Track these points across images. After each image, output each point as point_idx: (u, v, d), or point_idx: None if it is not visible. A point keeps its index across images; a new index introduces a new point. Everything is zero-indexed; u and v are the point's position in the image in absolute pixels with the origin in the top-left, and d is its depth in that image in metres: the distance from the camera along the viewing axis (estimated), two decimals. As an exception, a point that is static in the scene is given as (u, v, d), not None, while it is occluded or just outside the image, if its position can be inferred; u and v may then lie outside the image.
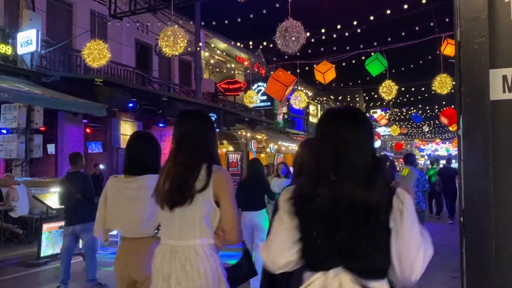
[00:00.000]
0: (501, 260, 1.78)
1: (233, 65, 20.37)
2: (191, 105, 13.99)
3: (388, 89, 12.71)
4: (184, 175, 2.10)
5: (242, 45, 16.94)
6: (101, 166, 14.92)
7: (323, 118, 1.65)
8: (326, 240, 1.46)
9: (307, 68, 13.39)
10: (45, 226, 7.39)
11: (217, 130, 14.78)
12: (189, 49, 16.06)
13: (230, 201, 2.13)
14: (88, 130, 14.40)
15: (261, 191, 5.71)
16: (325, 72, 11.85)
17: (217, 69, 20.02)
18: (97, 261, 5.91)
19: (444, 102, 21.55)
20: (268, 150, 22.74)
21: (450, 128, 27.44)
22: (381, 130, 39.46)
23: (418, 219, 1.47)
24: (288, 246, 1.52)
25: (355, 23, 10.71)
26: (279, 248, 1.54)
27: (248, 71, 19.16)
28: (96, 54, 8.21)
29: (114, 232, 2.97)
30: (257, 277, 2.43)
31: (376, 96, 23.84)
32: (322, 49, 13.56)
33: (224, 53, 20.26)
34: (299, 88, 25.17)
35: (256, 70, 20.31)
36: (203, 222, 2.09)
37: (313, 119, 31.66)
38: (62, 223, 6.12)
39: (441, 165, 16.20)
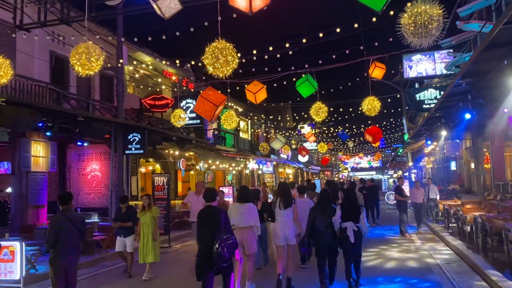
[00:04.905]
0: None
1: (159, 80, 19.38)
2: (111, 125, 12.87)
3: (318, 111, 12.61)
4: (290, 200, 7.39)
5: (167, 63, 16.07)
6: (9, 190, 13.26)
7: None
8: (347, 215, 7.35)
9: (238, 88, 12.95)
10: None
11: (141, 151, 13.87)
12: (108, 64, 14.93)
13: (296, 210, 7.46)
14: (-8, 150, 12.72)
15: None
16: (256, 92, 11.47)
17: (141, 86, 18.88)
18: None
19: (369, 122, 22.24)
20: (198, 167, 21.94)
21: (374, 145, 28.57)
22: (307, 145, 40.13)
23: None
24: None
25: (287, 45, 10.47)
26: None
27: (175, 89, 18.25)
28: (-6, 71, 7.00)
29: None
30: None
31: (305, 115, 24.05)
32: (253, 69, 13.20)
33: (150, 67, 19.24)
34: (230, 104, 24.77)
35: (185, 86, 19.48)
36: (292, 213, 7.33)
37: (243, 135, 31.31)
38: None
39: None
